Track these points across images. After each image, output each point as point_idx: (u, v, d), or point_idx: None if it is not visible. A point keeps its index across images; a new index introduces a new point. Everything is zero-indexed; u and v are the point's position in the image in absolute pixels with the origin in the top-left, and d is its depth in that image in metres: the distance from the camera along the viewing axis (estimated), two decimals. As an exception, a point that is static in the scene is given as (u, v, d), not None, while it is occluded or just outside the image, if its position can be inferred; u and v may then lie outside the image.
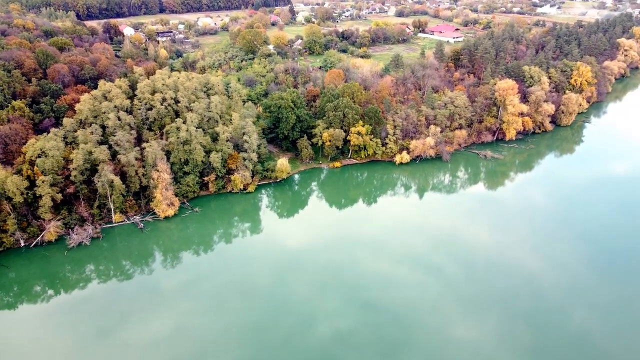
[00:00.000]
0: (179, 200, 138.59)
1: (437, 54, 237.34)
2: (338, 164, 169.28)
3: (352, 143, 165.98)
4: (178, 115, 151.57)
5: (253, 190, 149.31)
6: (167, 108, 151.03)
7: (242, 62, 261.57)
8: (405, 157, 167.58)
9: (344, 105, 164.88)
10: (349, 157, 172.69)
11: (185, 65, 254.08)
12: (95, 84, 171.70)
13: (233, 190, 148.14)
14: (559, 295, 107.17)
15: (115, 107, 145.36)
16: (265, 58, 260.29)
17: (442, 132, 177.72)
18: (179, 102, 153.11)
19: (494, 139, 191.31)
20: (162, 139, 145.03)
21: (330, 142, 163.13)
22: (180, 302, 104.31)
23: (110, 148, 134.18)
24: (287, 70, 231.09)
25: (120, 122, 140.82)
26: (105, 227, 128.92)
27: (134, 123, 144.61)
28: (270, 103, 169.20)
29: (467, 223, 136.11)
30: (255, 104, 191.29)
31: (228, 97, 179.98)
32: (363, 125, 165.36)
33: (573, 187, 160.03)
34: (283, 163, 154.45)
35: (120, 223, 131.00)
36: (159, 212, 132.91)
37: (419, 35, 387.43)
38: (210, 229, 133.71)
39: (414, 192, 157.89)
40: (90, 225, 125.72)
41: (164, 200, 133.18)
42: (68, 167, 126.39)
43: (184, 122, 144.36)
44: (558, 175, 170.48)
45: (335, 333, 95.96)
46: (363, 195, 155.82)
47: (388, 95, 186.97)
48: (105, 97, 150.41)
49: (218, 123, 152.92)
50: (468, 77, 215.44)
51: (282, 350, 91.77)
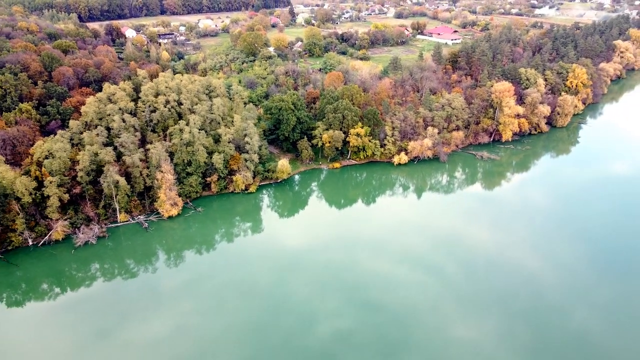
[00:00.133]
0: (182, 201, 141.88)
1: (435, 57, 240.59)
2: (337, 165, 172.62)
3: (351, 144, 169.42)
4: (181, 117, 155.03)
5: (254, 191, 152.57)
6: (170, 110, 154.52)
7: (243, 64, 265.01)
8: (404, 158, 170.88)
9: (344, 107, 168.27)
10: (348, 158, 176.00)
11: (187, 67, 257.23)
12: (100, 87, 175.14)
13: (235, 191, 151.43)
14: (558, 295, 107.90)
15: (120, 109, 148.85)
16: (266, 60, 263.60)
17: (439, 133, 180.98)
18: (182, 104, 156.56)
19: (491, 140, 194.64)
20: (165, 141, 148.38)
21: (330, 143, 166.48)
22: (182, 301, 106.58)
23: (116, 149, 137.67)
24: (287, 73, 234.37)
25: (125, 124, 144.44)
26: (111, 226, 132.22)
27: (138, 125, 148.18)
28: (271, 105, 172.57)
29: (465, 223, 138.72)
30: (256, 106, 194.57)
31: (230, 99, 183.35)
32: (362, 127, 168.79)
33: (569, 186, 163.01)
34: (284, 164, 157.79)
35: (125, 222, 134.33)
36: (163, 212, 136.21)
37: (418, 37, 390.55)
38: (213, 229, 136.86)
39: (413, 192, 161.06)
40: (96, 225, 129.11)
41: (168, 201, 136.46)
42: (74, 168, 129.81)
43: (187, 124, 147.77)
44: (554, 175, 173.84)
45: (335, 333, 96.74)
46: (362, 196, 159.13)
47: (386, 97, 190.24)
48: (110, 99, 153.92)
49: (220, 125, 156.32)
50: (465, 79, 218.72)
51: (282, 350, 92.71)
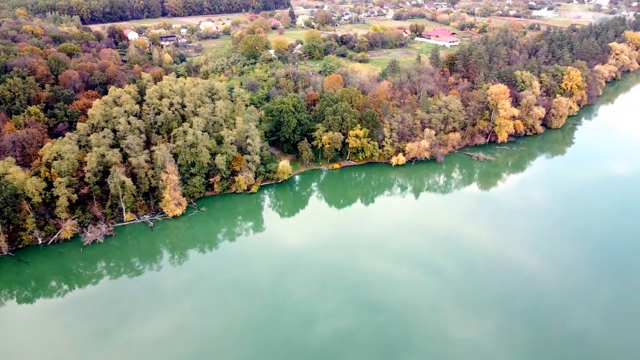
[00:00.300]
0: (186, 200, 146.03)
1: (432, 59, 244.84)
2: (337, 166, 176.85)
3: (350, 145, 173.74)
4: (185, 120, 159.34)
5: (256, 191, 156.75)
6: (174, 113, 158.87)
7: (244, 66, 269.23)
8: (401, 158, 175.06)
9: (343, 110, 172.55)
10: (348, 158, 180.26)
11: (189, 70, 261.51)
12: (105, 89, 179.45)
13: (237, 191, 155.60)
14: (557, 294, 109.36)
15: (126, 112, 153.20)
16: (267, 63, 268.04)
17: (436, 134, 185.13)
18: (186, 107, 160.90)
19: (487, 142, 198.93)
20: (170, 142, 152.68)
21: (330, 144, 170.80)
22: (185, 299, 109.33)
23: (122, 151, 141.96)
24: (287, 75, 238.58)
25: (130, 126, 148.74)
26: (117, 225, 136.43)
27: (143, 127, 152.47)
28: (272, 107, 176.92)
29: (463, 222, 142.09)
30: (258, 108, 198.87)
31: (232, 101, 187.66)
32: (361, 129, 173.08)
33: (564, 186, 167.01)
34: (284, 165, 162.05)
35: (131, 222, 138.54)
36: (168, 211, 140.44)
37: (416, 40, 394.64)
38: (215, 228, 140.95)
39: (411, 192, 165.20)
40: (104, 224, 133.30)
41: (172, 200, 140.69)
42: (82, 169, 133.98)
43: (191, 126, 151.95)
44: (549, 175, 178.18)
45: (335, 332, 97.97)
46: (361, 196, 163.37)
47: (385, 100, 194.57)
48: (116, 102, 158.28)
49: (223, 127, 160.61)
50: (462, 81, 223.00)
51: (282, 349, 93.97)
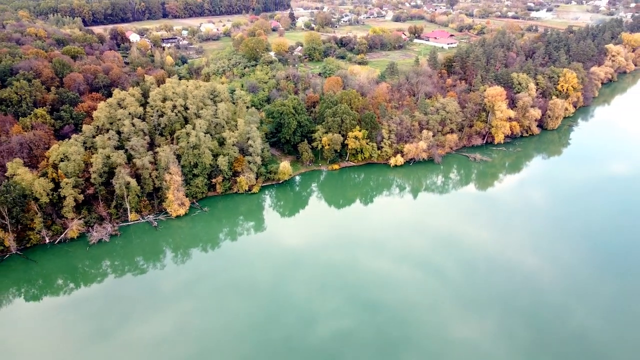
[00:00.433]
0: (189, 201, 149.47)
1: (430, 61, 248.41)
2: (336, 167, 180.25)
3: (349, 147, 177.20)
4: (187, 122, 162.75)
5: (257, 191, 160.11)
6: (177, 115, 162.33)
7: (245, 68, 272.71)
8: (400, 159, 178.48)
9: (342, 112, 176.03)
10: (347, 159, 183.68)
11: (191, 72, 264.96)
12: (109, 92, 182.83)
13: (239, 191, 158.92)
14: (557, 293, 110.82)
15: (130, 114, 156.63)
16: (267, 65, 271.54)
17: (434, 136, 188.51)
18: (188, 109, 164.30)
19: (484, 143, 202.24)
20: (173, 144, 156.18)
21: (329, 145, 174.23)
22: (187, 298, 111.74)
23: (126, 152, 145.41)
24: (288, 77, 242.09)
25: (135, 128, 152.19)
26: (122, 225, 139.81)
27: (147, 129, 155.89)
28: (273, 109, 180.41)
29: (461, 222, 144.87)
30: (258, 110, 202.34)
31: (233, 103, 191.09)
32: (360, 130, 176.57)
33: (561, 186, 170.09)
34: (285, 166, 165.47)
35: (136, 221, 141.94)
36: (171, 211, 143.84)
37: (415, 42, 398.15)
38: (217, 228, 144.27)
39: (409, 192, 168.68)
40: (109, 224, 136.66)
41: (176, 201, 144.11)
42: (88, 170, 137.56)
43: (193, 128, 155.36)
44: (545, 175, 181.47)
45: (336, 332, 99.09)
46: (360, 196, 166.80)
47: (383, 101, 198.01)
48: (120, 104, 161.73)
49: (225, 128, 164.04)
50: (460, 83, 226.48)
51: (282, 348, 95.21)
